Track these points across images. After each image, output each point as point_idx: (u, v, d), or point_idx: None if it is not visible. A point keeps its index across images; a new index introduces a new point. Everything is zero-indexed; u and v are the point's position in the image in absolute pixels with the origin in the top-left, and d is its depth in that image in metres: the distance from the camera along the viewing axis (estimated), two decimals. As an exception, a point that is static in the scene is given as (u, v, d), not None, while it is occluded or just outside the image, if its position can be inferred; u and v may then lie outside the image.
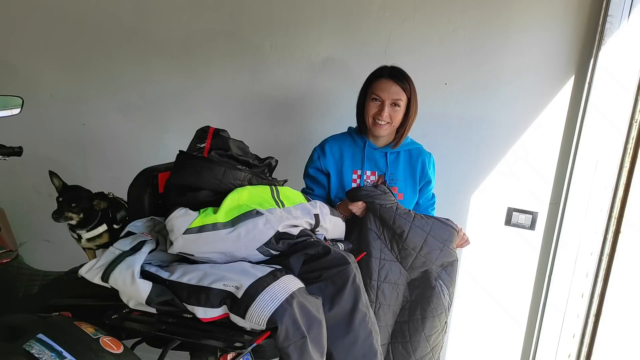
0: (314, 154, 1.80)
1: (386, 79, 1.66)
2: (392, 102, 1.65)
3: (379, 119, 1.66)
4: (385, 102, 1.65)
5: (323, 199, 1.74)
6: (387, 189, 1.65)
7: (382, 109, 1.65)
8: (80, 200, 1.56)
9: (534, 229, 1.97)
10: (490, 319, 2.10)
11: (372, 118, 1.68)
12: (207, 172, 1.27)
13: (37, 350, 0.99)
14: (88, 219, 1.58)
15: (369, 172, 1.75)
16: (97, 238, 1.61)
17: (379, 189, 1.62)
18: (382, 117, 1.65)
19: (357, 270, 1.29)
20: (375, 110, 1.67)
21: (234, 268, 1.17)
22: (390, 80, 1.65)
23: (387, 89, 1.64)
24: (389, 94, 1.64)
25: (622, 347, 1.99)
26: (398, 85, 1.65)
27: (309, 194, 1.78)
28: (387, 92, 1.64)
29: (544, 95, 1.88)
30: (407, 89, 1.66)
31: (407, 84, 1.66)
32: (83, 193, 1.59)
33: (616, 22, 1.71)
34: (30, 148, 1.82)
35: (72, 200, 1.55)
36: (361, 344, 1.26)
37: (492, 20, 1.88)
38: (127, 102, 2.43)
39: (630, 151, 1.80)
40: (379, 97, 1.65)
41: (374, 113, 1.67)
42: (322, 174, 1.78)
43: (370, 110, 1.68)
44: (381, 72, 1.68)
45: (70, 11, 2.42)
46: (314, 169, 1.79)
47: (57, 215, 1.54)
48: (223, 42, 2.23)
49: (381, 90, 1.65)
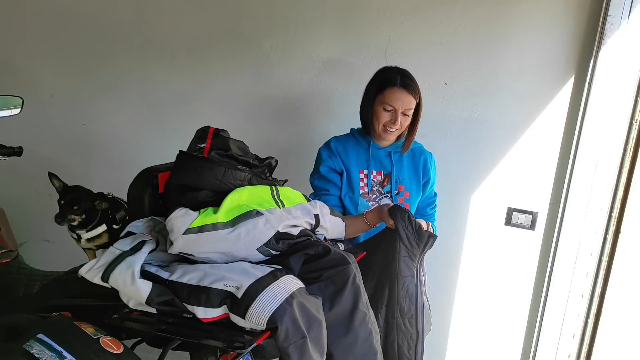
0: (323, 154, 1.77)
1: (399, 88, 1.63)
2: (403, 112, 1.65)
3: (391, 127, 1.66)
4: (397, 112, 1.64)
5: (337, 199, 1.73)
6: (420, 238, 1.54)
7: (395, 118, 1.64)
8: (82, 201, 1.56)
9: (534, 229, 1.97)
10: (490, 319, 2.10)
11: (382, 125, 1.67)
12: (207, 172, 1.27)
13: (37, 350, 0.99)
14: (89, 219, 1.58)
15: (375, 171, 1.75)
16: (97, 238, 1.61)
17: (416, 228, 1.51)
18: (395, 125, 1.65)
19: (357, 270, 1.29)
20: (388, 119, 1.66)
21: (234, 268, 1.17)
22: (404, 90, 1.63)
23: (400, 99, 1.63)
24: (402, 104, 1.64)
25: (622, 347, 1.99)
26: (410, 94, 1.64)
27: (324, 195, 1.74)
28: (400, 102, 1.63)
29: (544, 95, 1.88)
30: (417, 97, 1.66)
31: (417, 92, 1.66)
32: (84, 194, 1.58)
33: (616, 22, 1.71)
34: (30, 148, 1.82)
35: (74, 202, 1.55)
36: (361, 344, 1.26)
37: (493, 20, 1.88)
38: (128, 102, 2.43)
39: (630, 151, 1.80)
40: (392, 107, 1.64)
41: (385, 122, 1.67)
42: (335, 172, 1.75)
43: (382, 119, 1.67)
44: (392, 80, 1.65)
45: (71, 11, 2.42)
46: (326, 167, 1.75)
47: (60, 219, 1.53)
48: (224, 42, 2.24)
49: (394, 100, 1.63)
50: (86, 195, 1.59)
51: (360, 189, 1.74)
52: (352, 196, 1.73)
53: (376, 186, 1.75)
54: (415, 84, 1.66)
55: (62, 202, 1.55)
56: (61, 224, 1.54)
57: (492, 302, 2.08)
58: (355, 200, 1.73)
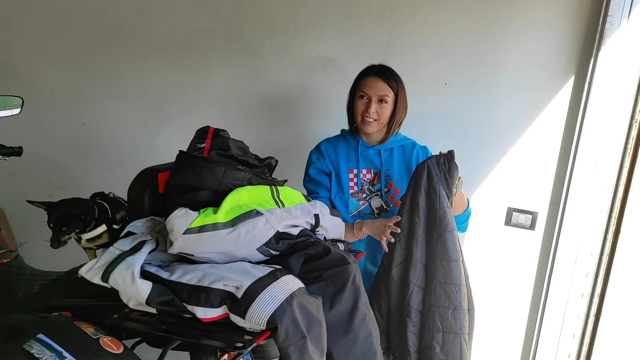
0: (312, 157, 1.81)
1: (373, 77, 1.68)
2: (379, 99, 1.67)
3: (367, 115, 1.68)
4: (372, 99, 1.66)
5: (327, 201, 1.74)
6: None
7: (369, 105, 1.67)
8: (70, 221, 1.48)
9: (534, 229, 1.97)
10: (490, 319, 2.10)
11: (360, 116, 1.70)
12: (207, 172, 1.27)
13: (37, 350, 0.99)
14: (84, 228, 1.53)
15: (365, 170, 1.76)
16: (97, 238, 1.61)
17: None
18: (369, 113, 1.67)
19: (357, 270, 1.29)
20: (363, 107, 1.69)
21: (234, 268, 1.17)
22: (377, 77, 1.68)
23: (373, 85, 1.67)
24: (376, 91, 1.66)
25: (622, 347, 1.99)
26: (384, 82, 1.67)
27: (314, 198, 1.75)
28: (373, 89, 1.66)
29: (544, 95, 1.88)
30: (394, 86, 1.68)
31: (394, 81, 1.68)
32: (70, 210, 1.49)
33: (616, 22, 1.71)
34: (30, 148, 1.82)
35: (62, 223, 1.47)
36: (361, 344, 1.26)
37: (492, 20, 1.88)
38: (127, 102, 2.43)
39: (630, 151, 1.80)
40: (366, 94, 1.68)
41: (362, 110, 1.69)
42: (324, 174, 1.78)
43: (359, 108, 1.70)
44: (368, 71, 1.71)
45: (70, 11, 2.42)
46: (316, 170, 1.79)
47: (55, 245, 1.47)
48: (223, 42, 2.24)
49: (367, 87, 1.68)
50: (73, 209, 1.49)
51: (350, 189, 1.75)
52: (342, 196, 1.75)
53: (366, 185, 1.76)
54: (392, 74, 1.69)
55: (50, 225, 1.48)
56: (58, 247, 1.47)
57: (492, 302, 2.08)
58: (345, 199, 1.75)
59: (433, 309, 1.54)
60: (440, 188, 1.55)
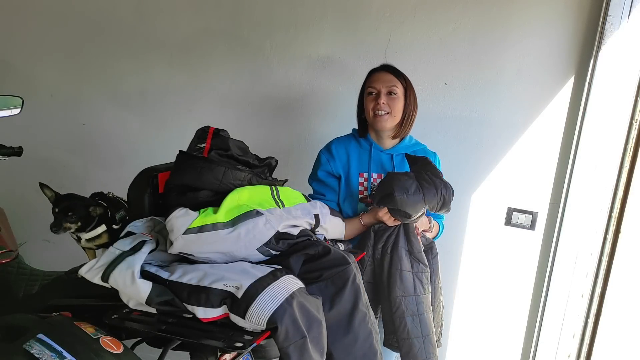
0: (322, 157, 1.76)
1: (379, 71, 1.69)
2: (388, 91, 1.65)
3: (378, 109, 1.65)
4: (381, 91, 1.65)
5: (335, 204, 1.73)
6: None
7: (379, 98, 1.65)
8: (77, 209, 1.54)
9: (534, 229, 1.97)
10: (490, 319, 2.10)
11: (372, 111, 1.67)
12: (207, 172, 1.27)
13: (37, 350, 0.99)
14: (85, 225, 1.57)
15: (376, 174, 1.72)
16: (97, 238, 1.61)
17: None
18: (380, 106, 1.65)
19: (357, 270, 1.29)
20: (373, 103, 1.67)
21: (234, 268, 1.17)
22: (383, 71, 1.69)
23: (380, 78, 1.67)
24: (383, 83, 1.66)
25: (622, 347, 1.99)
26: (391, 74, 1.67)
27: (319, 199, 1.72)
28: (381, 82, 1.66)
29: (544, 95, 1.88)
30: (401, 79, 1.68)
31: (401, 75, 1.69)
32: (78, 201, 1.56)
33: (616, 22, 1.71)
34: (30, 148, 1.82)
35: (69, 209, 1.53)
36: (361, 344, 1.26)
37: (492, 20, 1.88)
38: (127, 102, 2.43)
39: (630, 151, 1.80)
40: (374, 88, 1.67)
41: (372, 106, 1.67)
42: (333, 177, 1.74)
43: (369, 105, 1.68)
44: (374, 69, 1.72)
45: (70, 11, 2.42)
46: (324, 172, 1.74)
47: (55, 228, 1.52)
48: (223, 42, 2.24)
49: (375, 81, 1.68)
50: (80, 202, 1.56)
51: (360, 193, 1.72)
52: (351, 199, 1.72)
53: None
54: (398, 70, 1.69)
55: (56, 210, 1.53)
56: (57, 232, 1.53)
57: (492, 302, 2.08)
58: (354, 203, 1.73)
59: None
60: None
